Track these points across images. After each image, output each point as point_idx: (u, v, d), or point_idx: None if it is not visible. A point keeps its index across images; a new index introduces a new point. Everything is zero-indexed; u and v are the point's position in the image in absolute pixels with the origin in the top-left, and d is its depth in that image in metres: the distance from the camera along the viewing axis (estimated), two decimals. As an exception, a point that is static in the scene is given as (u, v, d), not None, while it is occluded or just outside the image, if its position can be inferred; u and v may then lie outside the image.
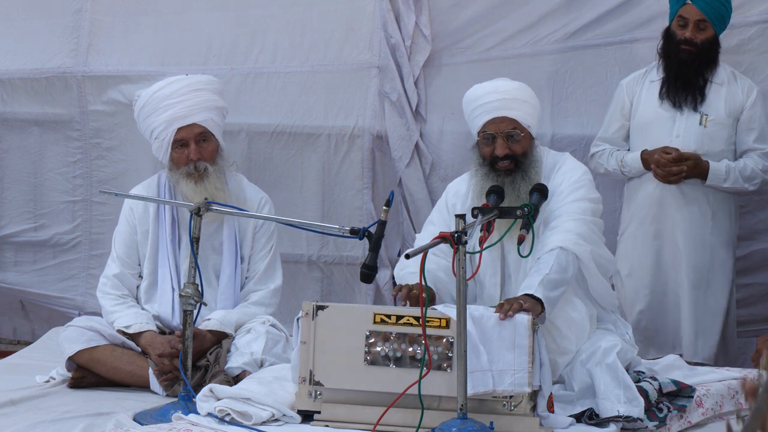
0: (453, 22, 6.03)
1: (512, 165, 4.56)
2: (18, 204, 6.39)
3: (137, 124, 5.16)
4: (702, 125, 5.42)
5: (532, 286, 4.22)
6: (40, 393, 4.75)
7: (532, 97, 4.67)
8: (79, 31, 6.25)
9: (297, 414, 4.08)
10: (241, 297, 5.11)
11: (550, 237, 4.43)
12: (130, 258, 5.11)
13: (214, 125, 5.06)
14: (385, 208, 4.05)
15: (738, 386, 4.60)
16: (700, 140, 5.43)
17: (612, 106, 5.65)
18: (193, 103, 5.02)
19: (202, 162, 5.00)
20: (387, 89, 6.04)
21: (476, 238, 4.19)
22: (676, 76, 5.45)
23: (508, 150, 4.56)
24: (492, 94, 4.60)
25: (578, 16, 5.94)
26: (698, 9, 5.37)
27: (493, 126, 4.58)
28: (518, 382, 3.95)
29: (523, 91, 4.66)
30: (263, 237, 5.15)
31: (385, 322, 4.04)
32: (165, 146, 5.03)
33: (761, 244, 5.89)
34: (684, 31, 5.42)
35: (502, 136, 4.57)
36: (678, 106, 5.45)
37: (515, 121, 4.57)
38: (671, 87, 5.47)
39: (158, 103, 5.01)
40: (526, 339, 3.98)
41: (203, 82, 5.12)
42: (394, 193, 4.77)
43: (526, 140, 4.60)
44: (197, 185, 4.97)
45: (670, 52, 5.48)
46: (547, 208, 4.51)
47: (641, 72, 5.61)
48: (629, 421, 4.12)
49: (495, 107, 4.58)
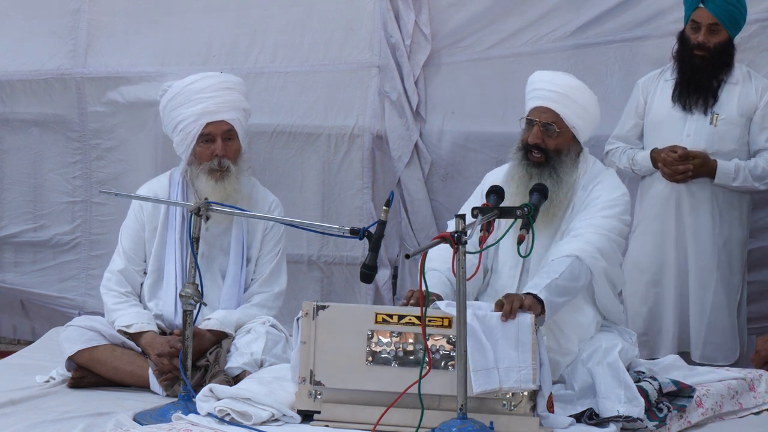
0: (453, 21, 6.03)
1: (543, 158, 4.57)
2: (18, 205, 6.40)
3: (161, 116, 5.13)
4: (712, 124, 5.41)
5: (538, 287, 4.22)
6: (40, 393, 4.75)
7: (586, 100, 4.63)
8: (77, 32, 6.25)
9: (297, 414, 4.08)
10: (245, 298, 5.11)
11: (569, 243, 4.43)
12: (136, 254, 5.11)
13: (239, 125, 5.07)
14: (385, 208, 4.05)
15: (738, 386, 4.60)
16: (710, 139, 5.42)
17: (628, 105, 5.64)
18: (224, 101, 5.03)
19: (226, 159, 5.00)
20: (387, 89, 6.04)
21: (528, 240, 4.17)
22: (689, 80, 5.44)
23: (540, 141, 4.57)
24: (546, 83, 4.62)
25: (579, 14, 5.95)
26: (710, 12, 5.35)
27: (536, 114, 4.60)
28: (524, 379, 3.96)
29: (576, 90, 4.64)
30: (272, 240, 5.15)
31: (387, 322, 4.04)
32: (190, 140, 5.02)
33: (760, 242, 5.89)
34: (697, 35, 5.39)
35: (539, 125, 4.57)
36: (688, 109, 5.44)
37: (557, 115, 4.57)
38: (683, 90, 5.45)
39: (190, 95, 5.01)
40: (529, 336, 3.98)
41: (234, 82, 5.13)
42: (394, 193, 4.77)
43: (564, 139, 4.59)
44: (217, 183, 4.97)
45: (684, 56, 5.45)
46: (576, 216, 4.52)
47: (657, 72, 5.60)
48: (629, 421, 4.12)
49: (543, 96, 4.59)
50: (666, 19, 5.83)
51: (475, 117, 6.09)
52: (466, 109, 6.09)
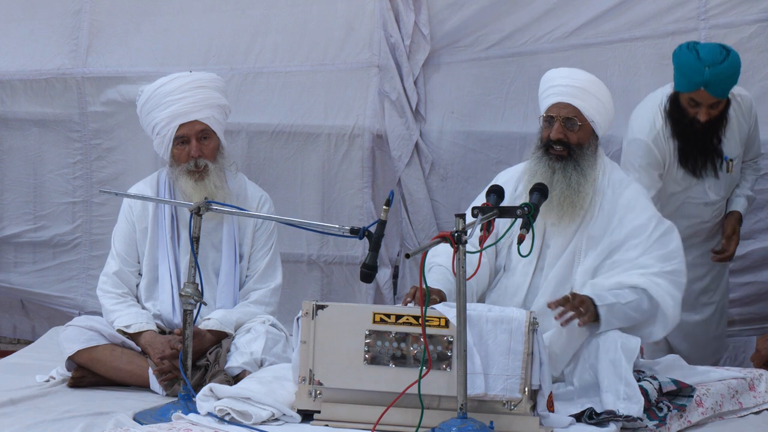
0: (452, 21, 6.03)
1: (565, 152, 4.59)
2: (18, 205, 6.40)
3: (140, 120, 5.16)
4: (728, 172, 5.34)
5: (604, 300, 4.33)
6: (40, 393, 4.75)
7: (603, 94, 4.65)
8: (78, 32, 6.25)
9: (297, 413, 4.08)
10: (241, 296, 5.11)
11: (645, 271, 4.47)
12: (130, 255, 5.11)
13: (215, 123, 5.06)
14: (385, 207, 4.06)
15: (738, 386, 4.61)
16: (729, 184, 5.40)
17: (640, 165, 5.29)
18: (195, 100, 5.02)
19: (202, 159, 5.00)
20: (387, 88, 6.04)
21: (514, 237, 4.19)
22: (693, 145, 5.26)
23: (563, 135, 4.59)
24: (563, 79, 4.64)
25: (577, 14, 5.94)
26: (711, 94, 5.12)
27: (555, 110, 4.61)
28: (510, 388, 3.96)
29: (594, 85, 4.66)
30: (263, 235, 5.15)
31: (384, 322, 4.04)
32: (166, 142, 5.03)
33: (760, 243, 5.90)
34: (696, 110, 5.16)
35: (560, 121, 4.59)
36: (699, 175, 5.31)
37: (577, 110, 4.59)
38: (689, 156, 5.28)
39: (161, 99, 5.01)
40: (521, 345, 3.98)
41: (206, 79, 5.12)
42: (394, 192, 4.77)
43: (585, 132, 4.61)
44: (197, 183, 4.98)
45: (682, 122, 5.21)
46: (604, 218, 4.56)
47: (661, 127, 5.29)
48: (629, 420, 4.12)
49: (561, 92, 4.61)
50: (665, 20, 5.83)
51: (474, 117, 6.08)
52: (466, 109, 6.09)
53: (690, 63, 5.09)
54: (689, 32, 5.79)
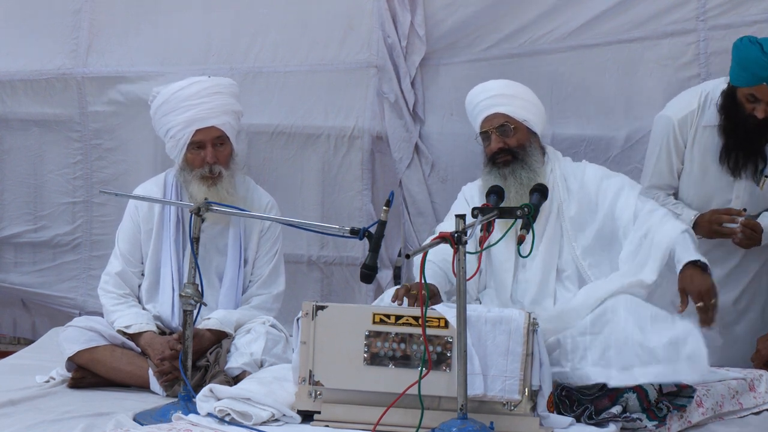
0: (450, 22, 6.02)
1: (509, 157, 4.72)
2: (18, 205, 6.40)
3: (152, 121, 5.15)
4: (759, 187, 5.15)
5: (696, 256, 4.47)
6: (40, 393, 4.76)
7: (523, 92, 4.84)
8: (78, 32, 6.25)
9: (297, 414, 4.09)
10: (243, 300, 5.12)
11: (663, 224, 4.58)
12: (133, 256, 5.11)
13: (230, 129, 5.08)
14: (385, 208, 4.06)
15: (738, 386, 4.61)
16: (757, 202, 5.20)
17: (658, 143, 5.24)
18: (213, 106, 5.03)
19: (217, 165, 5.01)
20: (385, 90, 6.03)
21: (528, 240, 4.20)
22: (740, 144, 5.11)
23: (502, 144, 4.74)
24: (481, 94, 4.83)
25: (576, 15, 5.93)
26: None
27: (487, 124, 4.79)
28: (509, 389, 3.97)
29: (511, 87, 4.85)
30: (268, 241, 5.16)
31: (384, 322, 4.05)
32: (180, 146, 5.03)
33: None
34: (754, 105, 4.99)
35: (495, 132, 4.75)
36: (738, 174, 5.15)
37: (506, 115, 4.75)
38: (732, 153, 5.13)
39: (178, 102, 5.01)
40: (520, 346, 3.99)
41: (223, 85, 5.13)
42: (394, 193, 4.78)
43: (522, 133, 4.76)
44: (210, 189, 4.97)
45: (736, 118, 5.06)
46: (600, 187, 4.70)
47: (690, 111, 5.21)
48: (629, 421, 4.13)
49: (485, 106, 4.79)
50: (664, 21, 5.82)
51: (474, 118, 6.08)
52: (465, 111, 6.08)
53: (753, 57, 4.93)
54: (688, 33, 5.78)
